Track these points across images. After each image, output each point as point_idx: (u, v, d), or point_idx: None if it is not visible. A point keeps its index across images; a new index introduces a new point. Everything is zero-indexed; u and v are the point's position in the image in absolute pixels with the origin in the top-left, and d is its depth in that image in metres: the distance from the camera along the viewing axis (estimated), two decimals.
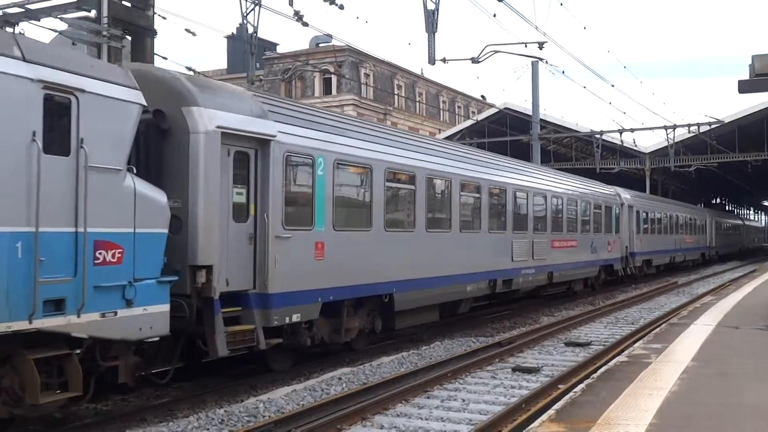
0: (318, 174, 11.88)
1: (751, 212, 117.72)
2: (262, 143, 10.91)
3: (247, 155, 10.76)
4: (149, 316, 8.74)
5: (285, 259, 11.03)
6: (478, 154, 19.20)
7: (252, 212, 10.78)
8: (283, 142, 11.17)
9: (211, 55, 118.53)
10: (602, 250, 26.58)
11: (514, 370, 12.53)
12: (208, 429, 8.62)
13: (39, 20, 13.27)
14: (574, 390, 9.15)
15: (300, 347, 12.18)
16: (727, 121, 42.14)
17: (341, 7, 18.37)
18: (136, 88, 8.78)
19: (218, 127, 10.08)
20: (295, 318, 11.29)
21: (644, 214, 34.25)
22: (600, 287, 27.86)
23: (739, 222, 77.28)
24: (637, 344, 13.08)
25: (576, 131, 45.14)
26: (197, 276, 9.75)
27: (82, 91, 7.99)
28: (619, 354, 12.42)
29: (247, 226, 10.72)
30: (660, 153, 45.48)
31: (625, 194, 31.64)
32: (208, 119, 9.98)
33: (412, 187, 14.88)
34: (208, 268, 9.82)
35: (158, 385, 10.66)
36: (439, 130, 62.67)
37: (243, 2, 19.93)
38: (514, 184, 19.38)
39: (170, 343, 9.80)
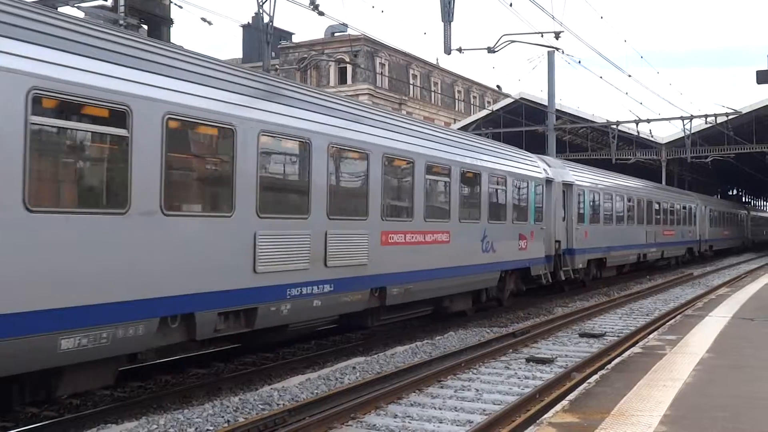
0: None
1: None
2: None
3: None
4: None
5: None
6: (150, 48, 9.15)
7: None
8: None
9: (227, 45, 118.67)
10: (507, 247, 17.81)
11: (528, 360, 12.54)
12: (223, 416, 8.69)
13: (56, 9, 13.33)
14: (588, 381, 9.15)
15: None
16: (744, 111, 41.80)
17: None
18: None
19: None
20: None
21: (593, 196, 25.19)
22: (510, 300, 19.27)
23: (743, 211, 64.74)
24: (651, 335, 13.06)
25: (592, 122, 44.93)
26: None
27: None
28: (633, 345, 12.39)
29: None
30: (677, 144, 45.18)
31: (561, 168, 23.28)
32: None
33: None
34: None
35: (176, 372, 10.78)
36: (454, 120, 62.59)
37: None
38: (265, 121, 10.25)
39: None
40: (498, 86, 61.78)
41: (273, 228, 10.33)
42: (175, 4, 14.54)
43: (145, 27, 13.09)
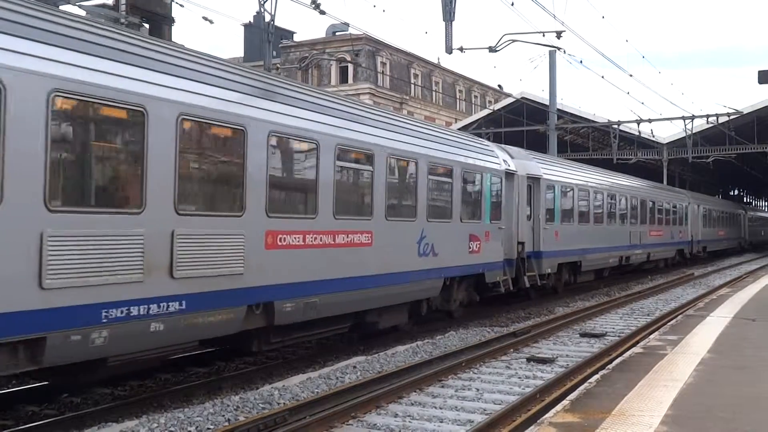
0: None
1: None
2: None
3: None
4: None
5: None
6: None
7: None
8: None
9: (228, 43, 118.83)
10: (453, 250, 15.28)
11: (528, 360, 12.53)
12: (223, 415, 8.68)
13: (57, 7, 13.33)
14: (589, 381, 9.14)
15: None
16: (746, 111, 41.81)
17: None
18: None
19: None
20: None
21: (566, 192, 22.42)
22: (461, 312, 16.87)
23: (740, 211, 61.07)
24: (652, 336, 13.05)
25: (593, 121, 44.92)
26: None
27: None
28: (634, 345, 12.38)
29: None
30: (678, 144, 45.17)
31: (527, 160, 20.32)
32: None
33: None
34: None
35: (176, 371, 10.77)
36: (456, 119, 62.54)
37: None
38: (57, 76, 7.32)
39: None
40: (499, 86, 61.74)
41: (74, 226, 7.38)
42: (177, 3, 14.56)
43: (146, 26, 13.07)
